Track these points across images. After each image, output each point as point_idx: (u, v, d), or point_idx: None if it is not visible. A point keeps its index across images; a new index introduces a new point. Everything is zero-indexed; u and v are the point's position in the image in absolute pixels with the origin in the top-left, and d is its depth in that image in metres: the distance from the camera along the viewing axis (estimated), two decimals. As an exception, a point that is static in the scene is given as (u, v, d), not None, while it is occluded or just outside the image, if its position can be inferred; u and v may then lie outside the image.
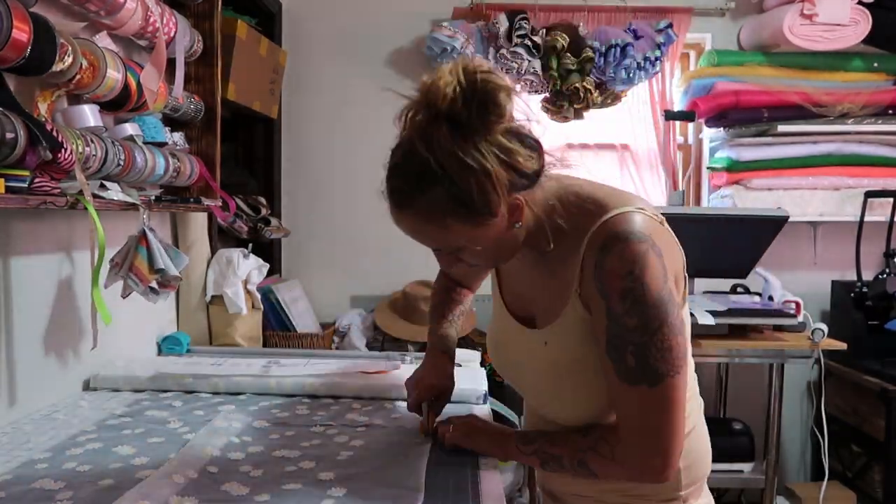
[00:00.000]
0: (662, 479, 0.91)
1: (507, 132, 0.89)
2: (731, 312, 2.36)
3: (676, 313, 0.89)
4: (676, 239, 0.96)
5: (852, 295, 2.73)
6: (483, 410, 1.42)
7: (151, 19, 1.51)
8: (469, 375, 1.63)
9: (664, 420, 0.89)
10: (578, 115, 2.80)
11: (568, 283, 0.96)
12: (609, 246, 0.89)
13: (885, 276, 2.60)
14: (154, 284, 1.51)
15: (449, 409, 1.33)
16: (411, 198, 0.90)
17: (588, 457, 0.96)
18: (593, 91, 2.72)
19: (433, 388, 1.28)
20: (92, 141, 1.29)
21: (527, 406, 1.19)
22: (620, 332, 0.89)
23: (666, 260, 0.89)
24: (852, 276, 2.79)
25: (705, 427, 1.09)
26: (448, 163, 0.86)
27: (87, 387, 1.52)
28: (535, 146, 0.93)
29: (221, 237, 2.30)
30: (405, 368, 1.63)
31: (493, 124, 0.87)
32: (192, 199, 1.77)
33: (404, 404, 1.39)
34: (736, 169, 2.80)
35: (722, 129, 2.87)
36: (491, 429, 1.15)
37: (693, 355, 1.03)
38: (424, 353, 1.39)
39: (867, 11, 2.68)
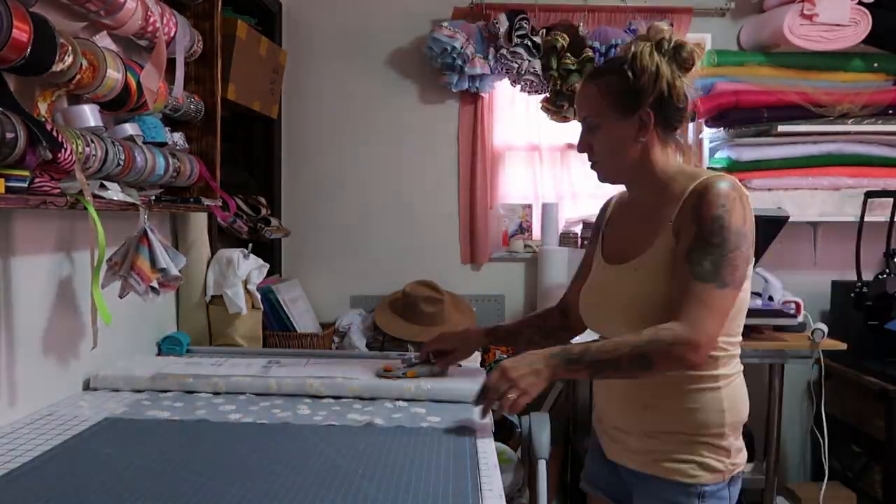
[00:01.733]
0: (701, 359, 1.12)
1: (683, 79, 1.22)
2: (731, 312, 2.35)
3: (747, 247, 1.14)
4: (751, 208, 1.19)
5: (852, 295, 2.73)
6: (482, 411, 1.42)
7: (151, 19, 1.51)
8: (469, 375, 1.63)
9: (716, 315, 1.12)
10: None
11: (663, 221, 1.19)
12: (709, 187, 1.16)
13: (885, 276, 2.60)
14: (155, 284, 1.52)
15: (449, 410, 1.34)
16: (598, 74, 1.26)
17: (648, 347, 1.12)
18: (593, 91, 2.72)
19: (445, 340, 1.57)
20: (92, 141, 1.29)
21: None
22: (704, 246, 1.13)
23: (748, 212, 1.16)
24: (852, 277, 2.79)
25: (744, 385, 1.29)
26: (636, 62, 1.20)
27: (87, 387, 1.52)
28: (685, 99, 1.23)
29: (221, 237, 2.30)
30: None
31: (681, 65, 1.22)
32: (192, 199, 1.77)
33: (405, 404, 1.40)
34: (736, 169, 2.80)
35: (722, 129, 2.87)
36: (526, 363, 1.20)
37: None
38: (417, 351, 1.58)
39: (867, 11, 2.68)
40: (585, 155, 1.30)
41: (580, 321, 1.44)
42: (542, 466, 2.10)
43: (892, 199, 2.69)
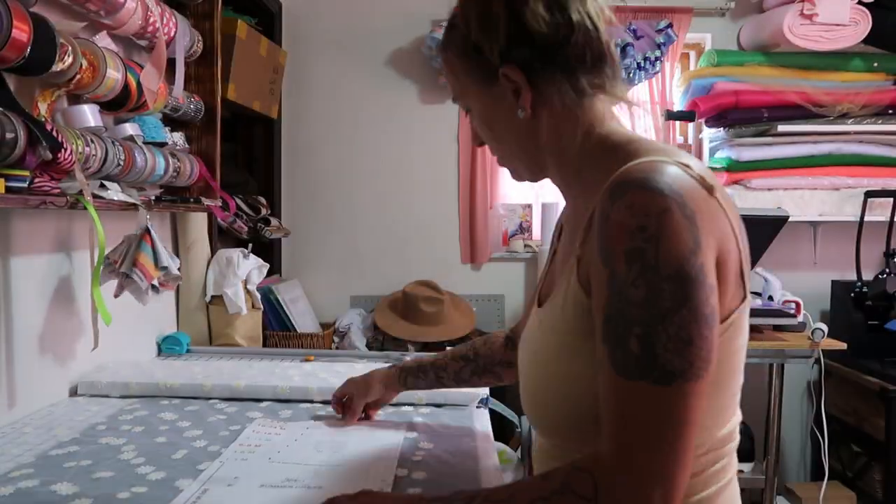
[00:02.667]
0: None
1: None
2: (731, 312, 2.35)
3: (706, 300, 0.65)
4: (735, 217, 0.72)
5: (852, 295, 2.73)
6: (482, 415, 1.41)
7: (151, 19, 1.51)
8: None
9: (669, 439, 0.64)
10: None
11: (573, 242, 0.77)
12: (619, 194, 0.67)
13: (885, 276, 2.60)
14: (156, 282, 1.51)
15: (448, 414, 1.33)
16: (443, 44, 0.86)
17: (554, 501, 0.67)
18: (593, 91, 2.71)
19: (351, 388, 1.30)
20: (92, 141, 1.29)
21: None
22: (622, 308, 0.65)
23: (702, 230, 0.65)
24: (852, 276, 2.79)
25: (736, 490, 0.82)
26: (463, 7, 0.82)
27: (87, 387, 1.51)
28: (569, 26, 0.76)
29: (221, 237, 2.30)
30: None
31: None
32: (192, 199, 1.77)
33: (392, 409, 1.41)
34: (736, 169, 2.80)
35: (722, 129, 2.87)
36: (395, 497, 0.89)
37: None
38: (422, 353, 1.41)
39: (867, 11, 2.68)
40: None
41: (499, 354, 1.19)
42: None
43: (892, 199, 2.69)
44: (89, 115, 1.35)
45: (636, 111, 2.73)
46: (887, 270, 2.61)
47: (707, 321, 0.65)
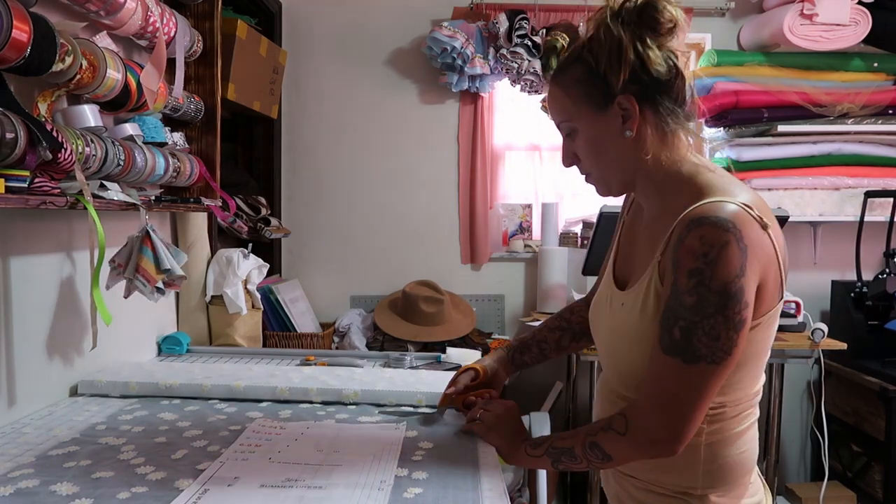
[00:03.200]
0: (672, 451, 0.94)
1: (660, 45, 0.96)
2: (731, 312, 2.35)
3: (738, 309, 0.88)
4: (777, 242, 0.94)
5: (852, 295, 2.73)
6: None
7: (151, 19, 1.51)
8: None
9: (686, 398, 0.91)
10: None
11: (655, 248, 0.98)
12: (695, 225, 0.90)
13: (885, 276, 2.60)
14: (160, 284, 1.52)
15: (448, 414, 1.33)
16: (559, 70, 1.02)
17: (599, 437, 0.99)
18: (593, 91, 2.72)
19: (474, 372, 1.33)
20: (92, 141, 1.29)
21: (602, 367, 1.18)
22: (676, 307, 0.90)
23: (750, 259, 0.88)
24: (852, 276, 2.79)
25: (750, 439, 1.03)
26: (598, 35, 0.96)
27: (87, 387, 1.51)
28: (671, 70, 0.97)
29: (221, 237, 2.30)
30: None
31: (654, 32, 0.95)
32: (192, 199, 1.77)
33: (392, 409, 1.41)
34: (736, 169, 2.80)
35: (722, 129, 2.87)
36: (509, 429, 1.17)
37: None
38: (420, 358, 1.45)
39: (867, 11, 2.68)
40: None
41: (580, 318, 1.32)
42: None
43: (892, 199, 2.69)
44: (89, 115, 1.35)
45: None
46: (887, 270, 2.61)
47: (735, 327, 0.89)
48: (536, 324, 2.65)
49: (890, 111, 2.79)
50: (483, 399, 1.28)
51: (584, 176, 1.08)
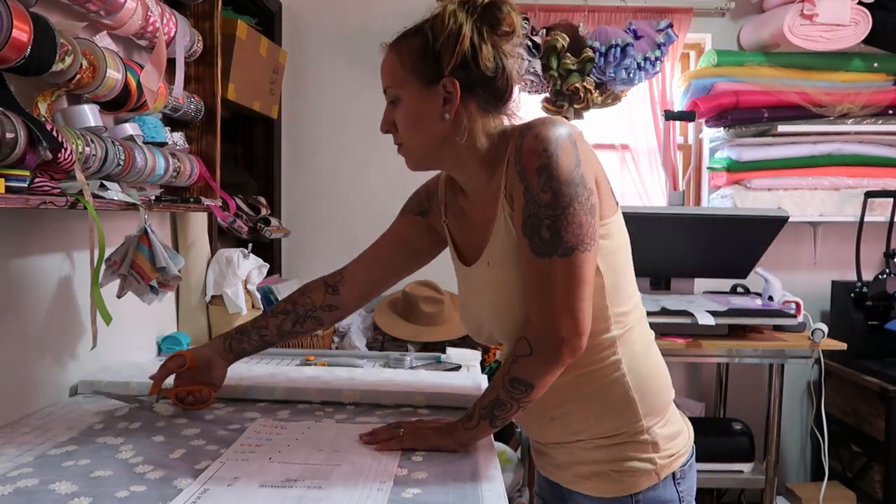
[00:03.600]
0: (577, 345, 0.98)
1: (494, 44, 1.03)
2: (731, 312, 2.36)
3: (587, 195, 0.96)
4: (595, 154, 1.03)
5: (852, 295, 2.73)
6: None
7: (151, 19, 1.51)
8: (470, 379, 1.63)
9: (573, 291, 0.96)
10: (578, 115, 2.80)
11: (496, 194, 1.04)
12: (527, 130, 0.98)
13: (885, 276, 2.60)
14: (154, 283, 1.51)
15: (448, 415, 1.33)
16: (398, 39, 1.10)
17: (514, 370, 1.01)
18: (593, 91, 2.72)
19: (182, 360, 1.32)
20: (92, 141, 1.29)
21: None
22: (536, 210, 0.96)
23: (582, 153, 0.97)
24: (852, 276, 2.79)
25: (659, 357, 1.12)
26: (440, 21, 1.03)
27: (87, 386, 1.51)
28: (498, 70, 1.04)
29: (221, 237, 2.30)
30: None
31: (494, 29, 1.02)
32: (192, 199, 1.77)
33: (391, 410, 1.40)
34: (736, 169, 2.80)
35: (722, 129, 2.87)
36: (438, 425, 1.17)
37: (693, 355, 1.09)
38: (420, 358, 1.46)
39: (867, 11, 2.68)
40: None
41: (351, 297, 1.36)
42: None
43: (892, 199, 2.69)
44: (89, 115, 1.35)
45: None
46: (887, 270, 2.62)
47: (590, 211, 0.97)
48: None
49: (890, 111, 2.79)
50: (199, 394, 1.30)
51: (396, 146, 1.13)
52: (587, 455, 1.09)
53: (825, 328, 2.36)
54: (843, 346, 2.39)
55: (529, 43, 2.67)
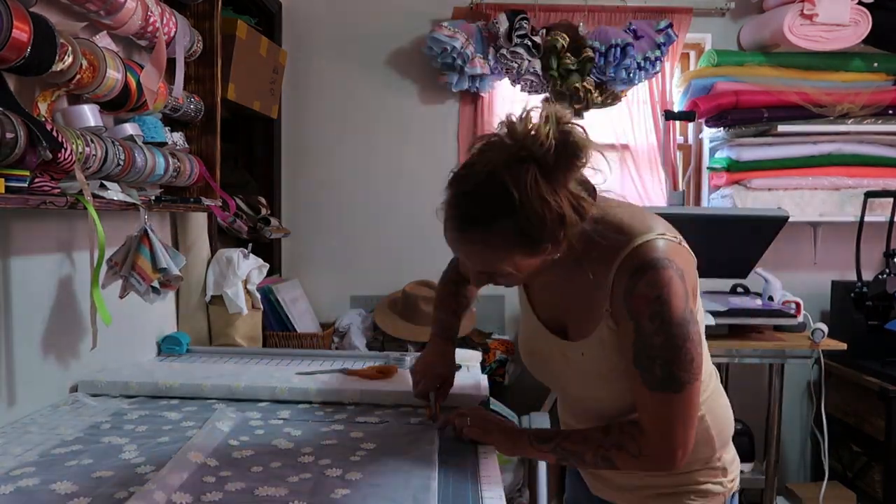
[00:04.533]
0: (679, 465, 1.03)
1: (578, 181, 0.98)
2: (731, 313, 2.35)
3: (696, 329, 0.99)
4: (691, 252, 1.05)
5: (852, 295, 2.73)
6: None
7: (151, 19, 1.51)
8: (470, 378, 1.63)
9: (685, 419, 1.01)
10: (578, 115, 2.79)
11: (599, 303, 1.04)
12: (639, 273, 0.98)
13: (885, 276, 2.60)
14: (156, 284, 1.51)
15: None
16: (480, 225, 0.97)
17: (613, 453, 1.06)
18: (593, 91, 2.72)
19: (440, 376, 1.39)
20: (92, 141, 1.29)
21: (562, 399, 1.28)
22: (648, 349, 0.98)
23: (686, 279, 0.99)
24: (852, 276, 2.79)
25: (721, 387, 1.19)
26: (529, 201, 0.93)
27: (87, 386, 1.51)
28: (592, 192, 1.03)
29: (221, 237, 2.30)
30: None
31: (573, 174, 0.96)
32: (192, 199, 1.77)
33: (391, 411, 1.40)
34: (736, 169, 2.80)
35: (722, 129, 2.87)
36: (504, 425, 1.22)
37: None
38: (417, 351, 1.46)
39: (867, 11, 2.68)
40: None
41: (473, 295, 1.46)
42: (541, 466, 2.10)
43: (892, 199, 2.69)
44: (89, 115, 1.35)
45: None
46: (887, 270, 2.61)
47: (698, 345, 1.00)
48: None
49: (890, 111, 2.79)
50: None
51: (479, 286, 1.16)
52: (660, 481, 1.13)
53: (825, 328, 2.36)
54: (843, 346, 2.39)
55: (529, 43, 2.67)
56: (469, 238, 1.00)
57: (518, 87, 2.78)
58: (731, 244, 2.46)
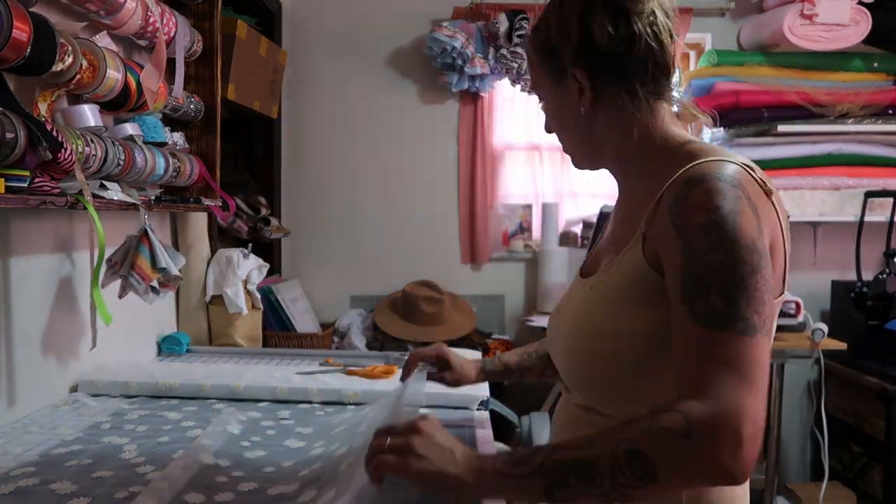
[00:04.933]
0: (750, 452, 0.64)
1: (613, 8, 0.84)
2: (731, 312, 2.34)
3: (771, 276, 0.73)
4: (786, 221, 0.82)
5: (852, 295, 2.73)
6: (483, 416, 1.40)
7: (151, 19, 1.51)
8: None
9: (756, 380, 0.67)
10: (578, 115, 2.79)
11: (635, 224, 0.83)
12: (696, 182, 0.75)
13: (885, 276, 2.60)
14: (155, 283, 1.51)
15: (449, 415, 1.33)
16: (531, 38, 0.94)
17: (646, 443, 0.66)
18: (593, 91, 2.72)
19: (428, 355, 1.23)
20: (92, 141, 1.29)
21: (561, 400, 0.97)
22: (701, 271, 0.71)
23: (763, 222, 0.75)
24: (852, 276, 2.79)
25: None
26: (551, 7, 0.89)
27: (87, 386, 1.51)
28: (623, 37, 0.84)
29: (221, 237, 2.30)
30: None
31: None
32: (192, 199, 1.77)
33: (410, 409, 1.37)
34: (736, 169, 2.80)
35: (722, 129, 2.86)
36: (454, 453, 0.73)
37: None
38: None
39: (867, 11, 2.68)
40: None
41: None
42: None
43: (892, 199, 2.69)
44: (89, 115, 1.35)
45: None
46: (887, 270, 2.61)
47: (772, 292, 0.73)
48: (535, 323, 2.67)
49: (890, 111, 2.78)
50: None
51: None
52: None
53: (825, 328, 2.36)
54: (843, 346, 2.39)
55: (529, 43, 2.67)
56: (528, 58, 0.97)
57: (518, 87, 2.78)
58: (731, 244, 2.45)
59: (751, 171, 0.78)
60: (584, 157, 0.95)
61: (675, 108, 0.92)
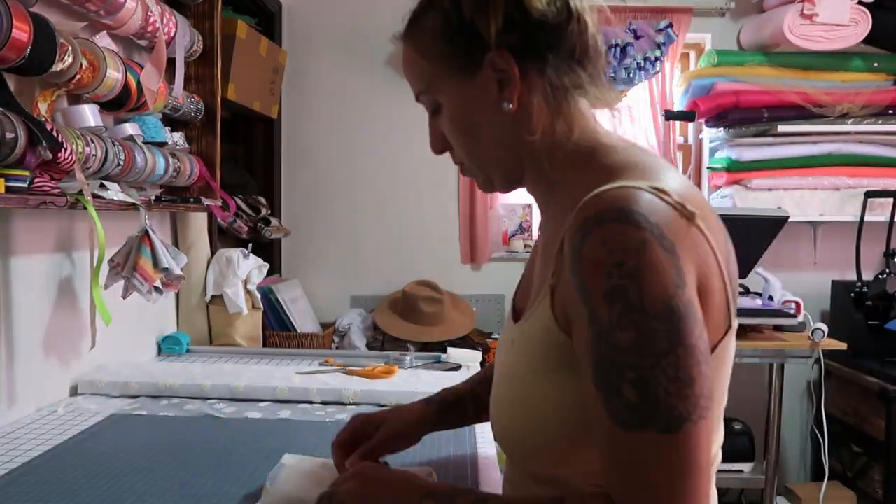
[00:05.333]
0: None
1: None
2: (731, 312, 2.34)
3: (700, 335, 0.60)
4: (721, 243, 0.67)
5: (852, 295, 2.73)
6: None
7: (151, 19, 1.51)
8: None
9: (683, 484, 0.58)
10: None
11: (548, 265, 0.70)
12: (592, 226, 0.61)
13: (885, 276, 2.60)
14: (158, 284, 1.52)
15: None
16: (413, 26, 0.78)
17: None
18: (593, 91, 2.72)
19: (368, 422, 0.97)
20: (92, 141, 1.29)
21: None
22: (610, 353, 0.59)
23: (685, 263, 0.60)
24: (852, 276, 2.79)
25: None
26: None
27: (87, 386, 1.51)
28: (564, 11, 0.70)
29: (221, 237, 2.30)
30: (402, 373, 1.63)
31: None
32: (192, 199, 1.77)
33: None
34: (736, 169, 2.80)
35: (722, 129, 2.87)
36: (387, 481, 0.74)
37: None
38: (420, 358, 1.22)
39: (867, 11, 2.68)
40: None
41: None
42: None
43: (892, 199, 2.69)
44: (89, 115, 1.35)
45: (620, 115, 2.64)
46: (887, 270, 2.61)
47: (704, 357, 0.60)
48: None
49: (890, 111, 2.79)
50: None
51: (457, 166, 0.80)
52: None
53: (825, 328, 2.36)
54: (843, 346, 2.39)
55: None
56: (404, 50, 0.78)
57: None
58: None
59: (664, 196, 0.62)
60: (502, 171, 0.77)
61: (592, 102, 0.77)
